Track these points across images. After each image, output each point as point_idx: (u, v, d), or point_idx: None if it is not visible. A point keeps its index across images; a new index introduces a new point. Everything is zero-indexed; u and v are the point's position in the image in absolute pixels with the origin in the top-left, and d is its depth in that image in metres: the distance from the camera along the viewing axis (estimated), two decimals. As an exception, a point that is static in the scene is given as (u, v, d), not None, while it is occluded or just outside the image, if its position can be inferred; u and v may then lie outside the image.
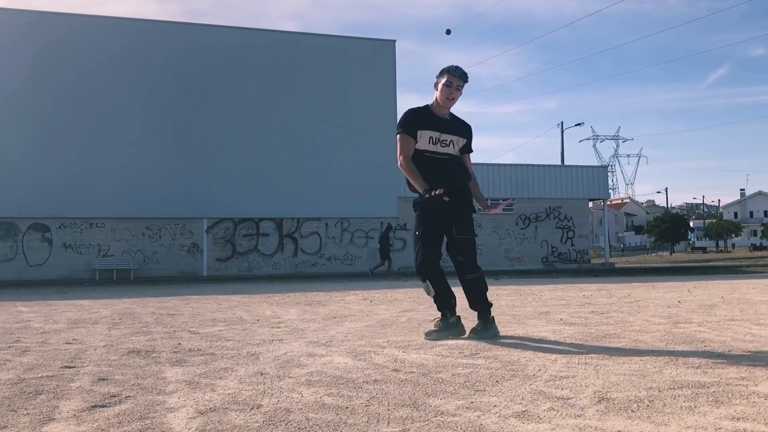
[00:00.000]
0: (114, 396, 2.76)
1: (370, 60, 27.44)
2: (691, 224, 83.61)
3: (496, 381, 2.92)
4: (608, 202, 36.09)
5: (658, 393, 2.60)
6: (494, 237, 28.61)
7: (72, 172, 23.70)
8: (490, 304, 4.47)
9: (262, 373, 3.22)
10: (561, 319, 5.51)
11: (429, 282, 4.46)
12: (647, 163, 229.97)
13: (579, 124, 50.35)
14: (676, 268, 26.39)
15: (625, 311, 6.17)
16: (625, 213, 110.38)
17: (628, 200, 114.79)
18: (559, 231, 29.72)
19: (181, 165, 24.85)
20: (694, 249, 76.53)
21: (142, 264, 24.43)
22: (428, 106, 4.55)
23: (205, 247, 25.13)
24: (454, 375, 3.08)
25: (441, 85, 4.44)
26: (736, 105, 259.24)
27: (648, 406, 2.41)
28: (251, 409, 2.48)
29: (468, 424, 2.21)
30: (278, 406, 2.53)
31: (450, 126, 4.53)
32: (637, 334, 4.45)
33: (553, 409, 2.38)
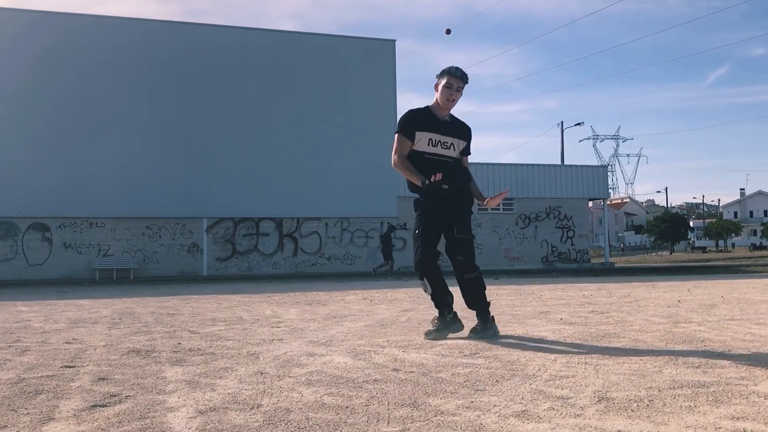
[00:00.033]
0: (114, 395, 2.76)
1: (370, 59, 27.44)
2: (691, 224, 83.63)
3: (496, 380, 2.92)
4: (608, 202, 36.09)
5: (658, 392, 2.60)
6: (494, 236, 28.61)
7: (72, 171, 23.71)
8: (489, 303, 4.47)
9: (262, 373, 3.22)
10: (561, 319, 5.51)
11: (427, 280, 4.47)
12: (647, 163, 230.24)
13: (579, 124, 50.37)
14: (676, 267, 26.39)
15: (625, 311, 6.17)
16: (625, 213, 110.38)
17: (628, 200, 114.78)
18: (559, 230, 29.73)
19: (181, 164, 24.85)
20: (694, 249, 76.53)
21: (142, 263, 24.44)
22: (428, 107, 4.54)
23: (205, 247, 25.14)
24: (454, 374, 3.08)
25: (441, 87, 4.42)
26: (736, 104, 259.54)
27: (648, 405, 2.41)
28: (251, 409, 2.48)
29: (468, 424, 2.21)
30: (278, 405, 2.53)
31: (451, 128, 4.51)
32: (637, 333, 4.45)
33: (553, 409, 2.39)
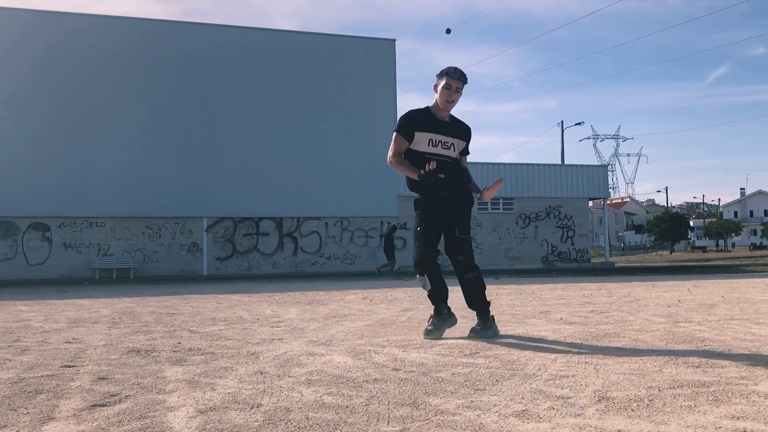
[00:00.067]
0: (114, 395, 2.75)
1: (370, 59, 27.45)
2: (691, 223, 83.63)
3: (496, 380, 2.92)
4: (608, 202, 36.11)
5: (658, 392, 2.60)
6: (494, 236, 28.62)
7: (72, 171, 23.72)
8: (489, 303, 4.48)
9: (262, 373, 3.22)
10: (561, 319, 5.51)
11: (427, 277, 4.47)
12: (647, 163, 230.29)
13: (579, 124, 50.38)
14: (676, 267, 26.40)
15: (625, 310, 6.17)
16: (625, 212, 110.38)
17: (628, 199, 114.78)
18: (559, 230, 29.73)
19: (181, 164, 24.85)
20: (694, 248, 76.53)
21: (142, 263, 24.44)
22: (428, 108, 4.54)
23: (205, 247, 25.14)
24: (454, 374, 3.08)
25: (440, 88, 4.43)
26: (736, 104, 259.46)
27: (648, 405, 2.41)
28: (251, 408, 2.48)
29: (468, 423, 2.21)
30: (278, 405, 2.53)
31: (451, 128, 4.52)
32: (637, 333, 4.45)
33: (553, 408, 2.38)
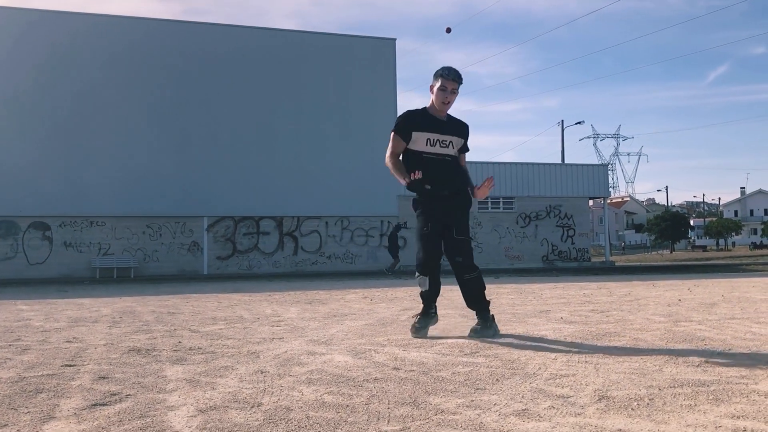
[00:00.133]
0: (114, 394, 2.76)
1: (370, 58, 27.44)
2: (692, 223, 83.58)
3: (497, 379, 2.92)
4: (608, 201, 36.10)
5: (658, 391, 2.60)
6: (494, 235, 28.62)
7: (72, 170, 23.72)
8: (489, 303, 4.48)
9: (262, 372, 3.22)
10: (561, 318, 5.51)
11: (428, 279, 4.47)
12: (647, 162, 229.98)
13: (579, 123, 50.30)
14: (677, 266, 26.39)
15: (626, 310, 6.17)
16: (626, 211, 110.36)
17: (629, 198, 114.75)
18: (560, 229, 29.73)
19: (182, 163, 24.85)
20: (695, 247, 76.52)
21: (143, 262, 24.45)
22: (425, 108, 4.58)
23: (206, 246, 25.15)
24: (454, 373, 3.08)
25: (436, 89, 4.45)
26: (736, 103, 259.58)
27: (648, 404, 2.41)
28: (252, 408, 2.48)
29: (468, 423, 2.21)
30: (278, 404, 2.53)
31: (448, 127, 4.54)
32: (638, 332, 4.45)
33: (554, 408, 2.39)
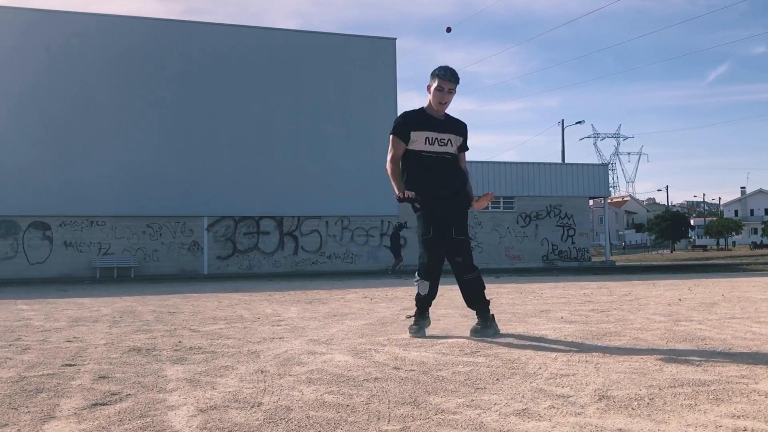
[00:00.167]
0: (115, 394, 2.76)
1: (370, 58, 27.43)
2: (692, 222, 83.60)
3: (497, 379, 2.92)
4: (609, 200, 36.11)
5: (658, 391, 2.60)
6: (495, 235, 28.62)
7: (72, 170, 23.71)
8: (488, 302, 4.48)
9: (262, 371, 3.22)
10: (561, 317, 5.51)
11: (430, 283, 4.47)
12: (648, 161, 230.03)
13: (580, 122, 50.19)
14: (677, 266, 26.39)
15: (626, 309, 6.17)
16: (626, 211, 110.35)
17: (629, 198, 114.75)
18: (560, 229, 29.73)
19: (182, 163, 24.85)
20: (695, 247, 76.55)
21: (143, 262, 24.45)
22: (423, 108, 4.59)
23: (206, 245, 25.15)
24: (454, 373, 3.08)
25: (433, 89, 4.47)
26: (736, 103, 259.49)
27: (648, 404, 2.41)
28: (252, 407, 2.48)
29: (468, 422, 2.21)
30: (279, 404, 2.53)
31: (446, 125, 4.55)
32: (638, 332, 4.45)
33: (554, 407, 2.39)
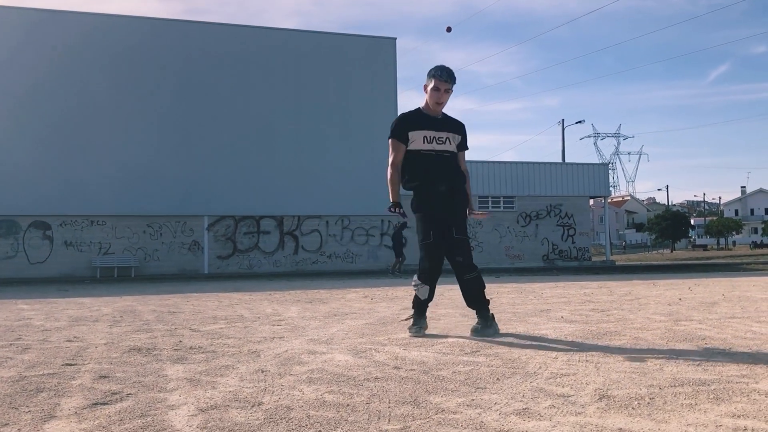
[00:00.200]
0: (115, 393, 2.76)
1: (370, 57, 27.42)
2: (692, 222, 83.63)
3: (497, 378, 2.92)
4: (609, 200, 36.09)
5: (658, 390, 2.60)
6: (495, 235, 28.61)
7: (72, 170, 23.71)
8: (488, 302, 4.48)
9: (263, 371, 3.22)
10: (562, 317, 5.51)
11: (429, 287, 4.46)
12: (648, 161, 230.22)
13: (580, 122, 50.19)
14: (677, 265, 26.39)
15: (626, 309, 6.18)
16: (626, 210, 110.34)
17: (629, 198, 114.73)
18: (560, 228, 29.72)
19: (182, 163, 24.84)
20: (695, 247, 76.55)
21: (143, 262, 24.45)
22: (419, 108, 4.60)
23: (206, 245, 25.15)
24: (454, 372, 3.08)
25: (429, 89, 4.47)
26: (737, 102, 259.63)
27: (649, 403, 2.41)
28: (252, 407, 2.48)
29: (469, 422, 2.21)
30: (279, 403, 2.53)
31: (444, 124, 4.55)
32: (638, 331, 4.45)
33: (554, 407, 2.39)
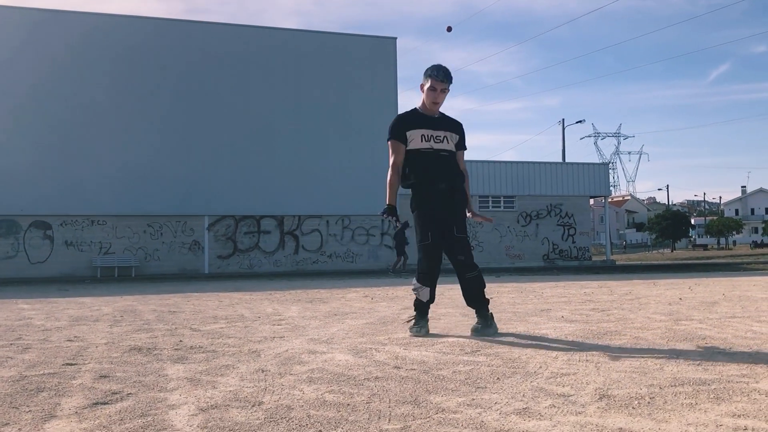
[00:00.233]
0: (116, 393, 2.76)
1: (371, 57, 27.43)
2: (692, 221, 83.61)
3: (497, 378, 2.92)
4: (609, 200, 36.09)
5: (659, 390, 2.60)
6: (495, 234, 28.60)
7: (73, 169, 23.73)
8: (488, 301, 4.48)
9: (263, 371, 3.22)
10: (562, 317, 5.51)
11: (430, 289, 4.46)
12: (648, 160, 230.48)
13: (580, 122, 50.19)
14: (677, 265, 26.38)
15: (626, 308, 6.17)
16: (626, 210, 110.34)
17: (630, 197, 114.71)
18: (560, 228, 29.71)
19: (183, 162, 24.86)
20: (695, 246, 76.54)
21: (144, 261, 24.46)
22: (416, 108, 4.60)
23: (207, 245, 25.15)
24: (455, 372, 3.08)
25: (426, 89, 4.47)
26: (737, 102, 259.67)
27: (649, 403, 2.41)
28: (252, 406, 2.48)
29: (469, 421, 2.21)
30: (279, 403, 2.53)
31: (441, 123, 4.55)
32: (638, 331, 4.45)
33: (554, 406, 2.39)
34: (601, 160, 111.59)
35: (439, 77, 4.40)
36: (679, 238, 71.86)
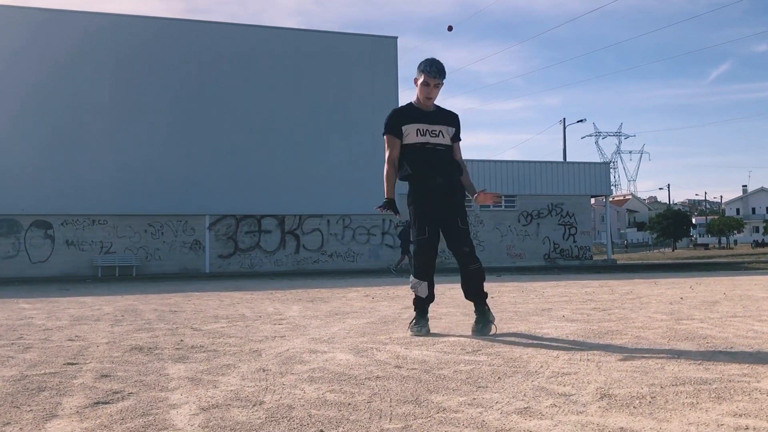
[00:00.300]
0: (117, 393, 2.76)
1: (371, 56, 27.43)
2: (693, 221, 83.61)
3: (498, 377, 2.92)
4: (610, 199, 36.10)
5: (660, 389, 2.60)
6: (496, 233, 28.60)
7: (74, 169, 23.74)
8: (486, 295, 4.49)
9: (264, 370, 3.22)
10: (563, 316, 5.51)
11: (427, 283, 4.46)
12: (649, 160, 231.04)
13: (581, 121, 50.06)
14: (678, 264, 26.38)
15: (627, 308, 6.17)
16: (627, 209, 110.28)
17: (630, 197, 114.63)
18: (561, 227, 29.70)
19: (183, 162, 24.87)
20: (696, 245, 76.52)
21: (145, 261, 24.47)
22: (411, 103, 4.58)
23: (207, 244, 25.16)
24: (456, 371, 3.08)
25: (419, 84, 4.46)
26: (738, 101, 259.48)
27: (650, 402, 2.41)
28: (253, 406, 2.48)
29: (470, 421, 2.21)
30: (280, 402, 2.53)
31: (437, 117, 4.53)
32: (639, 330, 4.45)
33: (555, 406, 2.38)
34: (602, 159, 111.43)
35: (432, 73, 4.37)
36: (680, 238, 71.85)
